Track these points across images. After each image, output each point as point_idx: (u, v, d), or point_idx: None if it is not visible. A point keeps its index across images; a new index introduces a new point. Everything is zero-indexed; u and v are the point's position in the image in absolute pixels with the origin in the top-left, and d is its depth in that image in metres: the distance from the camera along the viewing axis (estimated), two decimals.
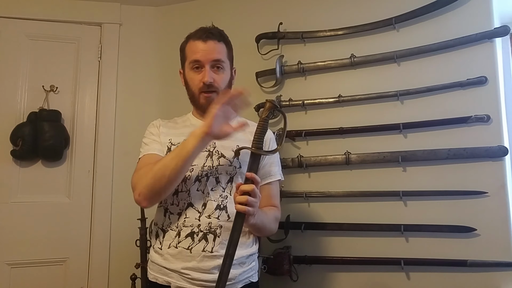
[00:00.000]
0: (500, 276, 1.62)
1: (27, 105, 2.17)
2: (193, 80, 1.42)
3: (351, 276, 1.84)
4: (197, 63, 1.40)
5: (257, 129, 1.24)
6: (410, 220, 1.76)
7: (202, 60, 1.40)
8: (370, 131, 1.86)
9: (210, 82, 1.38)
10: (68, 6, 2.29)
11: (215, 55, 1.41)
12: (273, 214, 1.42)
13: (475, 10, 1.75)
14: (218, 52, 1.42)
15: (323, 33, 1.98)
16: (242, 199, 1.18)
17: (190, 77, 1.43)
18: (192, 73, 1.42)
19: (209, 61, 1.40)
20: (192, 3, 2.34)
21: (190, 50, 1.43)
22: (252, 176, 1.20)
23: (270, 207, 1.44)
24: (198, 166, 1.38)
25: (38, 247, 2.10)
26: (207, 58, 1.40)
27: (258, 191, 1.21)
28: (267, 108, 1.24)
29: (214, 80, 1.39)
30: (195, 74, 1.41)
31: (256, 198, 1.20)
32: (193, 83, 1.42)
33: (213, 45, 1.41)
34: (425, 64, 1.81)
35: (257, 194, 1.20)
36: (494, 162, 1.67)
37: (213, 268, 1.29)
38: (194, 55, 1.41)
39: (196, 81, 1.41)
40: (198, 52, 1.40)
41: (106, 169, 2.24)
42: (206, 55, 1.40)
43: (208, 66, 1.39)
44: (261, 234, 1.47)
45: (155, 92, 2.37)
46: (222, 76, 1.43)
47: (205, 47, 1.40)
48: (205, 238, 1.31)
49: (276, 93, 2.04)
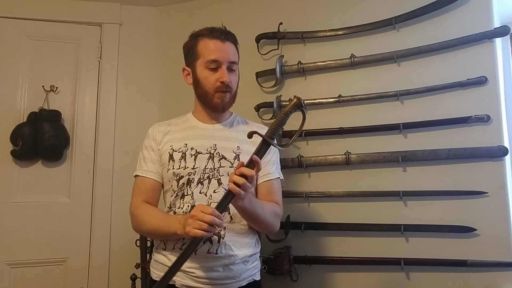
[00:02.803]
0: (500, 276, 1.62)
1: (27, 105, 2.17)
2: (208, 79, 1.40)
3: (351, 276, 1.84)
4: (215, 63, 1.39)
5: (276, 120, 1.20)
6: (410, 220, 1.76)
7: (221, 60, 1.39)
8: (370, 131, 1.86)
9: (229, 82, 1.39)
10: (68, 6, 2.29)
11: (232, 57, 1.42)
12: (271, 208, 1.39)
13: (475, 10, 1.75)
14: (233, 54, 1.43)
15: (323, 33, 1.98)
16: (239, 180, 1.14)
17: (204, 75, 1.41)
18: (207, 72, 1.40)
19: (226, 61, 1.40)
20: (192, 3, 2.34)
21: (207, 49, 1.41)
22: (256, 160, 1.16)
23: (270, 202, 1.43)
24: (200, 168, 1.38)
25: (38, 247, 2.10)
26: (225, 58, 1.40)
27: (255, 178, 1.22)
28: (293, 103, 1.20)
29: (230, 81, 1.40)
30: (211, 73, 1.40)
31: (251, 184, 1.17)
32: (208, 82, 1.40)
33: (229, 46, 1.43)
34: (425, 64, 1.81)
35: (253, 180, 1.18)
36: (494, 162, 1.67)
37: (218, 266, 1.30)
38: (213, 55, 1.39)
39: (212, 81, 1.39)
40: (217, 52, 1.39)
41: (106, 169, 2.24)
42: (224, 56, 1.40)
43: (225, 67, 1.40)
44: (256, 225, 1.40)
45: (155, 92, 2.37)
46: (235, 78, 1.44)
47: (224, 48, 1.40)
48: (210, 240, 1.31)
49: (276, 93, 2.04)
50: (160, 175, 1.44)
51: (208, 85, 1.41)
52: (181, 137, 1.44)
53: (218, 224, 1.15)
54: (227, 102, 1.43)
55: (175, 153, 1.41)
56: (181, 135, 1.45)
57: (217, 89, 1.40)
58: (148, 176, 1.43)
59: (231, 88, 1.42)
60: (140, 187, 1.44)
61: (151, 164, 1.45)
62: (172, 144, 1.43)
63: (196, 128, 1.47)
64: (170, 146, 1.43)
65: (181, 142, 1.42)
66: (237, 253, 1.33)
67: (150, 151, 1.46)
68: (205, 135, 1.44)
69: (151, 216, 1.36)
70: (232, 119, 1.52)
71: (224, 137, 1.44)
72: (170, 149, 1.42)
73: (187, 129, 1.47)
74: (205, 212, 1.14)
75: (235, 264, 1.33)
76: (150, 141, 1.47)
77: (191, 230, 1.14)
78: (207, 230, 1.13)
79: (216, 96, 1.41)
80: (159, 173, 1.44)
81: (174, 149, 1.42)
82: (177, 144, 1.42)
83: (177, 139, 1.44)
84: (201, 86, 1.42)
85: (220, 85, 1.39)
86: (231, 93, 1.43)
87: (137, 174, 1.45)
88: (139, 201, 1.41)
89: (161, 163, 1.44)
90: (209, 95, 1.41)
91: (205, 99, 1.44)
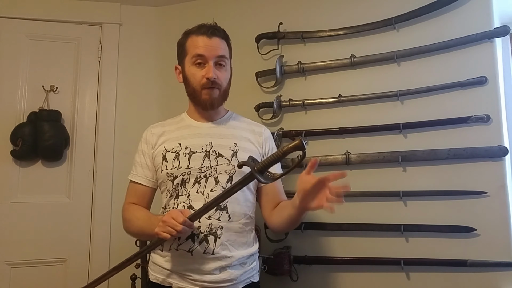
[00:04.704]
0: (500, 276, 1.62)
1: (27, 105, 2.17)
2: (195, 76, 1.38)
3: (351, 276, 1.85)
4: (201, 58, 1.37)
5: (272, 156, 1.14)
6: (410, 220, 1.76)
7: (207, 55, 1.37)
8: (370, 131, 1.86)
9: (214, 78, 1.36)
10: (68, 6, 2.29)
11: (220, 51, 1.39)
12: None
13: (475, 10, 1.75)
14: (222, 49, 1.41)
15: (323, 33, 1.98)
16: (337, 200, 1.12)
17: (191, 72, 1.39)
18: (194, 68, 1.39)
19: (213, 57, 1.38)
20: (192, 3, 2.35)
21: (193, 45, 1.40)
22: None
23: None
24: (195, 168, 1.36)
25: (38, 247, 2.10)
26: (212, 54, 1.37)
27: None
28: (294, 145, 1.10)
29: (217, 76, 1.38)
30: (198, 69, 1.38)
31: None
32: (195, 79, 1.38)
33: (217, 42, 1.40)
34: (425, 64, 1.81)
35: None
36: (494, 162, 1.67)
37: (214, 269, 1.29)
38: (198, 50, 1.38)
39: (199, 77, 1.37)
40: (202, 47, 1.38)
41: (106, 169, 2.24)
42: (210, 51, 1.37)
43: (212, 62, 1.37)
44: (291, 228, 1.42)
45: (155, 92, 2.37)
46: (224, 74, 1.41)
47: (210, 43, 1.38)
48: (206, 240, 1.30)
49: (276, 93, 2.04)
50: (150, 180, 1.45)
51: (195, 82, 1.39)
52: (176, 136, 1.43)
53: (188, 232, 1.24)
54: (215, 98, 1.39)
55: (168, 153, 1.39)
56: (175, 135, 1.44)
57: (203, 86, 1.37)
58: (137, 181, 1.46)
59: (218, 85, 1.39)
60: (131, 191, 1.48)
61: (140, 169, 1.46)
62: (166, 144, 1.42)
63: (190, 126, 1.45)
64: (164, 147, 1.41)
65: (175, 142, 1.41)
66: (234, 254, 1.32)
67: (141, 155, 1.47)
68: (200, 133, 1.42)
69: (136, 218, 1.40)
70: (228, 117, 1.50)
71: (220, 135, 1.42)
72: (164, 150, 1.41)
73: (182, 129, 1.45)
74: (177, 221, 1.18)
75: (232, 266, 1.31)
76: (142, 145, 1.48)
77: (159, 232, 1.21)
78: (175, 235, 1.20)
79: (204, 92, 1.38)
80: (147, 177, 1.45)
81: (167, 150, 1.40)
82: (171, 144, 1.41)
83: (172, 139, 1.43)
84: (189, 84, 1.41)
85: (206, 81, 1.36)
86: (220, 89, 1.40)
87: (129, 178, 1.49)
88: (128, 204, 1.46)
89: (155, 164, 1.43)
90: (196, 92, 1.39)
91: (194, 97, 1.42)
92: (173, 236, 1.20)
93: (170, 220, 1.19)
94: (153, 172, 1.45)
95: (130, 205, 1.45)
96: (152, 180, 1.45)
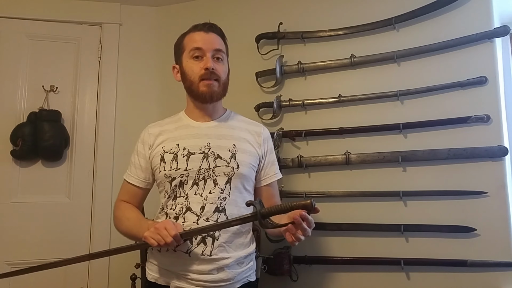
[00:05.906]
0: (500, 276, 1.62)
1: (27, 105, 2.17)
2: (193, 68, 1.38)
3: (351, 276, 1.85)
4: (198, 51, 1.38)
5: (279, 206, 1.16)
6: (410, 220, 1.76)
7: (204, 48, 1.38)
8: (370, 131, 1.86)
9: (213, 68, 1.36)
10: (68, 6, 2.29)
11: (217, 45, 1.41)
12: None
13: (475, 10, 1.75)
14: (219, 43, 1.42)
15: (323, 33, 1.98)
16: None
17: (189, 66, 1.39)
18: (192, 62, 1.39)
19: (210, 50, 1.38)
20: (192, 3, 2.35)
21: (190, 40, 1.41)
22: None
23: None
24: (194, 169, 1.35)
25: (38, 247, 2.10)
26: (209, 46, 1.38)
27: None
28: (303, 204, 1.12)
29: (216, 68, 1.37)
30: (196, 62, 1.38)
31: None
32: (193, 72, 1.37)
33: (214, 36, 1.42)
34: (425, 64, 1.81)
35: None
36: (494, 162, 1.67)
37: (212, 270, 1.29)
38: (195, 43, 1.39)
39: (197, 69, 1.37)
40: (201, 41, 1.39)
41: (106, 169, 2.24)
42: (208, 44, 1.39)
43: (209, 54, 1.38)
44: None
45: (155, 92, 2.37)
46: (222, 67, 1.41)
47: (207, 37, 1.40)
48: (204, 241, 1.29)
49: (276, 93, 2.04)
50: (143, 180, 1.46)
51: (193, 74, 1.38)
52: (173, 137, 1.42)
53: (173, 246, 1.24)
54: (215, 90, 1.38)
55: (166, 154, 1.38)
56: (173, 135, 1.42)
57: (202, 77, 1.36)
58: (129, 180, 1.47)
59: (218, 76, 1.38)
60: (124, 189, 1.50)
61: (134, 169, 1.47)
62: (164, 145, 1.41)
63: (188, 127, 1.44)
64: (162, 148, 1.40)
65: (173, 142, 1.40)
66: (231, 255, 1.31)
67: (135, 156, 1.47)
68: (198, 134, 1.41)
69: (126, 218, 1.41)
70: (226, 116, 1.49)
71: (219, 135, 1.41)
72: (162, 151, 1.40)
73: (180, 129, 1.44)
74: (169, 233, 1.18)
75: (229, 266, 1.31)
76: (138, 145, 1.48)
77: (148, 237, 1.21)
78: (162, 246, 1.21)
79: (202, 84, 1.37)
80: (139, 178, 1.45)
81: (165, 150, 1.39)
82: (169, 144, 1.40)
83: (170, 140, 1.41)
84: (187, 78, 1.40)
85: (204, 72, 1.35)
86: (219, 81, 1.39)
87: (123, 177, 1.50)
88: (119, 201, 1.47)
89: (153, 165, 1.43)
90: (194, 84, 1.38)
91: (192, 90, 1.41)
92: (160, 245, 1.20)
93: (163, 230, 1.19)
94: (146, 173, 1.45)
95: (122, 203, 1.47)
96: (144, 181, 1.46)
